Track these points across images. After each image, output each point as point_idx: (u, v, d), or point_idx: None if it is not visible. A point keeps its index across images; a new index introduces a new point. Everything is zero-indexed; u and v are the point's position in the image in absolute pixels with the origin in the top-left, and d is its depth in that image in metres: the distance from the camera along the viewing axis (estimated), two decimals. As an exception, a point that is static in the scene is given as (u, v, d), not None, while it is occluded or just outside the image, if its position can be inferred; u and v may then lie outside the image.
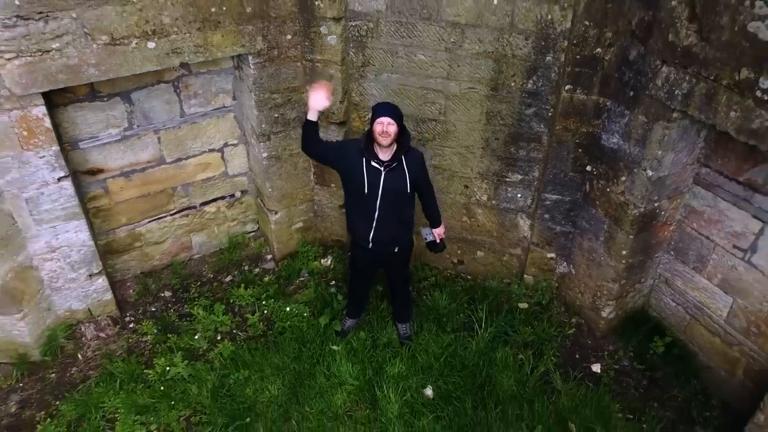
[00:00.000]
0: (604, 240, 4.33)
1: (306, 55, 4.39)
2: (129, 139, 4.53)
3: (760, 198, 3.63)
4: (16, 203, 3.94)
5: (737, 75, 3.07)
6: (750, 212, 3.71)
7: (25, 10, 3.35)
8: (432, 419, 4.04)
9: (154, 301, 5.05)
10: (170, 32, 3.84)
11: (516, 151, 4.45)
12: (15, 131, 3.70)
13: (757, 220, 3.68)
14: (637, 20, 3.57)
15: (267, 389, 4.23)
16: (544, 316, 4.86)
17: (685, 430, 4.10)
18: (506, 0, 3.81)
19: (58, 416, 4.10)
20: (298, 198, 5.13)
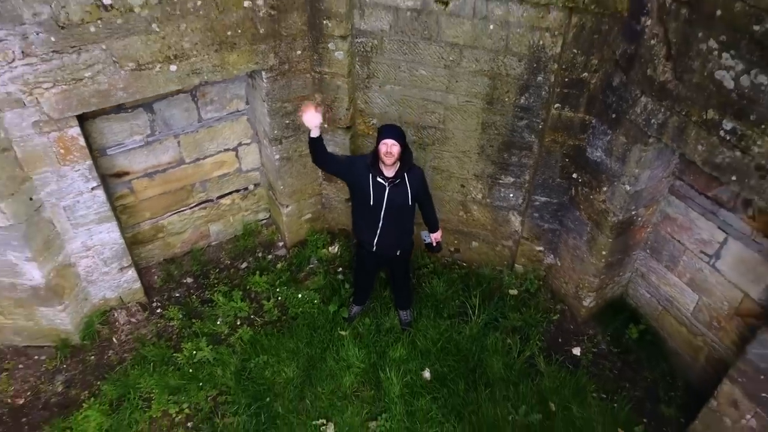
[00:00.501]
0: (587, 240, 4.76)
1: (315, 68, 4.70)
2: (151, 144, 4.89)
3: (724, 213, 4.04)
4: (55, 211, 4.36)
5: (705, 114, 3.42)
6: (716, 224, 4.13)
7: (60, 45, 3.66)
8: (429, 400, 4.58)
9: (177, 287, 5.54)
10: (190, 55, 4.14)
11: (509, 157, 4.81)
12: (53, 150, 4.07)
13: (722, 231, 4.10)
14: (620, 51, 3.88)
15: (283, 371, 4.76)
16: (532, 302, 5.35)
17: (651, 409, 4.66)
18: (501, 26, 4.10)
19: (100, 396, 4.65)
20: (307, 193, 5.53)
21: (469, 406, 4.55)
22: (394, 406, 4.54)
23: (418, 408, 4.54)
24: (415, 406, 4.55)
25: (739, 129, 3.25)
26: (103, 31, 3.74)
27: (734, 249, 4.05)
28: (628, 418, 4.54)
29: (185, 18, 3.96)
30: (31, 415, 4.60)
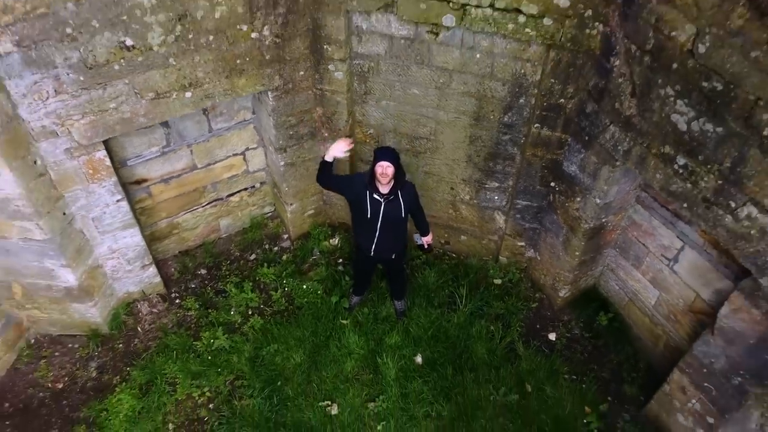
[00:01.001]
0: (562, 241, 5.29)
1: (316, 85, 5.08)
2: (167, 153, 5.32)
3: (682, 224, 4.54)
4: (85, 222, 4.83)
5: (662, 149, 3.89)
6: (675, 233, 4.64)
7: (88, 82, 4.05)
8: (421, 383, 5.20)
9: (192, 279, 6.07)
10: (203, 83, 4.53)
11: (494, 166, 5.27)
12: (83, 171, 4.51)
13: (680, 240, 4.62)
14: (592, 84, 4.29)
15: (292, 358, 5.36)
16: (514, 291, 5.92)
17: (615, 388, 5.29)
18: (487, 55, 4.48)
19: (130, 380, 5.25)
20: (309, 192, 6.00)
21: (456, 388, 5.18)
22: (390, 389, 5.16)
23: (411, 390, 5.17)
24: (408, 389, 5.18)
25: (690, 165, 3.73)
26: (126, 68, 4.12)
27: (690, 256, 4.58)
28: (594, 397, 5.18)
29: (199, 51, 4.33)
30: (70, 398, 5.21)
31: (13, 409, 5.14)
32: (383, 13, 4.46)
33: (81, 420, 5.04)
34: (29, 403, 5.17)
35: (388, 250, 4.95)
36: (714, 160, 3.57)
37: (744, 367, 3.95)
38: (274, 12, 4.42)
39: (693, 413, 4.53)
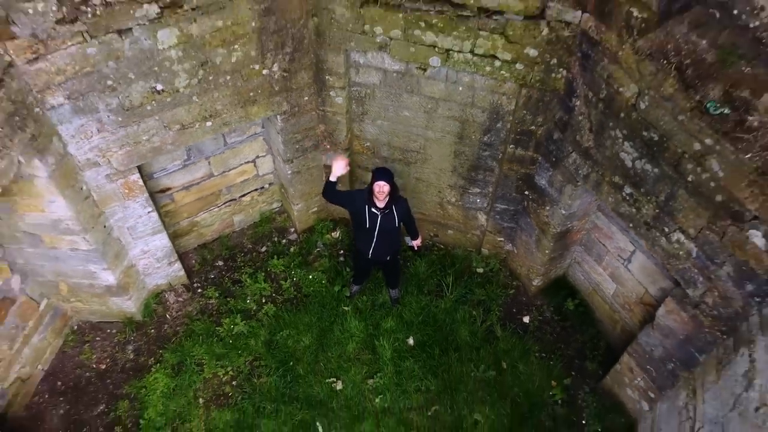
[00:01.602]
0: (535, 240, 6.05)
1: (319, 107, 5.72)
2: (188, 166, 6.00)
3: (633, 233, 5.30)
4: (121, 231, 5.56)
5: (613, 178, 4.61)
6: (629, 238, 5.41)
7: (125, 121, 4.71)
8: (412, 362, 6.06)
9: (211, 270, 6.85)
10: (222, 113, 5.18)
11: (476, 175, 5.97)
12: (120, 191, 5.21)
13: (632, 245, 5.39)
14: (558, 116, 4.96)
15: (302, 341, 6.20)
16: (494, 279, 6.73)
17: (579, 364, 6.17)
18: (468, 88, 5.12)
19: (164, 361, 6.09)
20: (313, 193, 6.70)
21: (442, 366, 6.05)
22: (386, 367, 6.03)
23: (404, 368, 6.04)
24: (402, 367, 6.05)
25: (635, 195, 4.47)
26: (156, 107, 4.77)
27: (640, 258, 5.36)
28: (560, 372, 6.07)
29: (218, 89, 4.96)
30: (112, 377, 6.07)
31: (65, 387, 6.01)
32: (378, 52, 5.07)
33: (124, 396, 5.92)
34: (78, 382, 6.04)
35: (383, 253, 5.71)
36: (652, 193, 4.30)
37: (675, 356, 4.80)
38: (282, 51, 5.03)
39: (638, 388, 5.42)
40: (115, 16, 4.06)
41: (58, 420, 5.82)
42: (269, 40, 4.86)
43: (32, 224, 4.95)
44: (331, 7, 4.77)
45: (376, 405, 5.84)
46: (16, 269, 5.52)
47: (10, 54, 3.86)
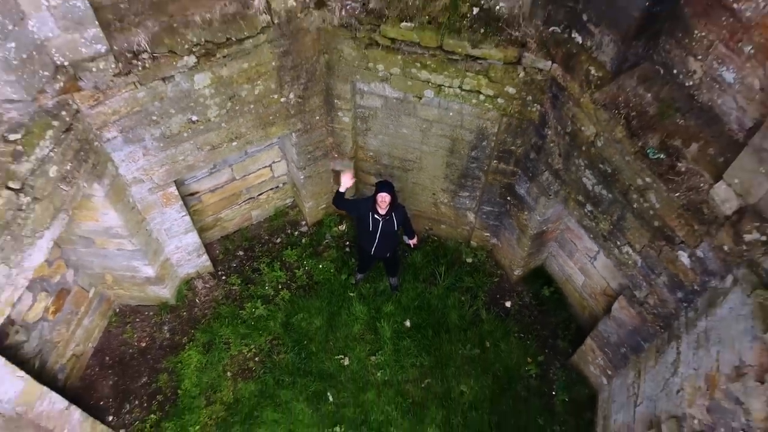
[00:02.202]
0: (516, 237, 6.94)
1: (328, 124, 6.52)
2: (214, 173, 6.84)
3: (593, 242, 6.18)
4: (160, 232, 6.45)
5: (578, 197, 5.47)
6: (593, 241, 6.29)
7: (165, 147, 5.54)
8: (409, 341, 7.04)
9: (233, 259, 7.76)
10: (245, 134, 6.00)
11: (465, 182, 6.82)
12: (159, 201, 6.07)
13: (596, 246, 6.28)
14: (533, 141, 5.77)
15: (314, 323, 7.17)
16: (481, 269, 7.65)
17: (552, 343, 7.15)
18: (458, 113, 5.92)
19: (195, 340, 7.07)
20: (322, 193, 7.56)
21: (434, 345, 7.03)
22: (386, 346, 7.01)
23: (401, 347, 7.02)
24: (400, 346, 7.03)
25: (594, 212, 5.33)
26: (191, 134, 5.59)
27: (602, 258, 6.26)
28: (535, 350, 7.05)
29: (242, 116, 5.76)
30: (152, 353, 7.06)
31: (112, 362, 7.01)
32: (380, 83, 5.84)
33: (163, 370, 6.92)
34: (123, 357, 7.03)
35: (384, 251, 6.61)
36: (608, 213, 5.17)
37: (626, 343, 5.76)
38: (297, 82, 5.81)
39: (599, 366, 6.41)
40: (161, 67, 4.85)
41: (108, 389, 6.83)
42: (287, 74, 5.64)
43: (87, 230, 5.83)
44: (340, 47, 5.52)
45: (377, 378, 6.85)
46: (70, 264, 6.43)
47: (77, 103, 4.67)
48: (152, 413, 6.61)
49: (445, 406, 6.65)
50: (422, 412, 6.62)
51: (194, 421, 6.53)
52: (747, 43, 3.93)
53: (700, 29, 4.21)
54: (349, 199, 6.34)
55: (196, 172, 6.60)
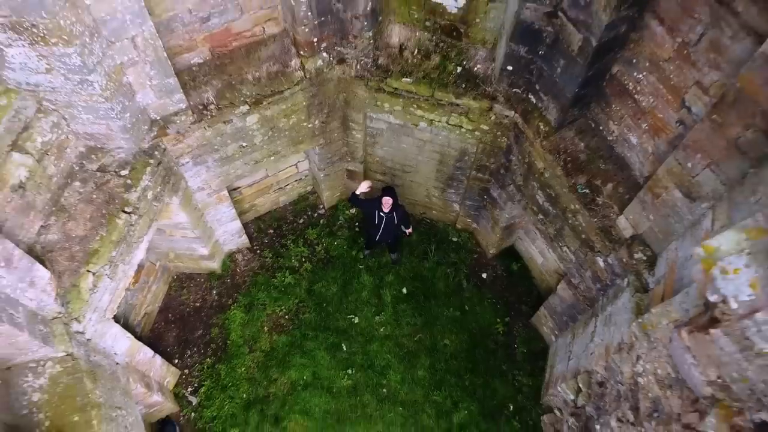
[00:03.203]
0: (490, 226, 8.74)
1: (344, 139, 8.18)
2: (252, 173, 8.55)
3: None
4: (212, 222, 8.25)
5: (533, 207, 7.23)
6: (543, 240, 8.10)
7: (222, 165, 7.25)
8: (405, 305, 8.98)
9: (265, 236, 9.59)
10: (281, 151, 7.68)
11: (451, 183, 8.55)
12: (214, 201, 7.84)
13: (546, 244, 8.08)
14: (503, 161, 7.47)
15: (330, 289, 9.08)
16: (464, 246, 9.49)
17: (517, 307, 9.09)
18: (446, 138, 7.57)
19: (238, 302, 9.00)
20: (338, 185, 9.30)
21: (425, 308, 8.97)
22: (387, 308, 8.96)
23: (399, 309, 8.96)
24: (398, 308, 8.97)
25: (544, 220, 7.11)
26: (241, 155, 7.29)
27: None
28: (503, 313, 9.00)
29: (280, 139, 7.43)
30: (204, 311, 9.01)
31: (174, 318, 8.97)
32: (385, 113, 7.46)
33: (214, 324, 8.88)
34: (182, 314, 8.99)
35: (386, 238, 8.44)
36: (553, 223, 6.95)
37: (567, 313, 7.68)
38: (322, 113, 7.44)
39: (549, 328, 8.37)
40: (223, 114, 6.50)
41: (172, 340, 8.82)
42: (314, 108, 7.27)
43: (161, 225, 7.62)
44: (355, 90, 7.12)
45: (380, 333, 8.83)
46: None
47: (164, 144, 6.36)
48: (208, 358, 8.64)
49: (431, 355, 8.67)
50: (414, 359, 8.64)
51: (240, 365, 8.56)
52: (643, 122, 5.59)
53: (616, 105, 5.85)
54: (361, 198, 8.10)
55: (242, 179, 8.33)
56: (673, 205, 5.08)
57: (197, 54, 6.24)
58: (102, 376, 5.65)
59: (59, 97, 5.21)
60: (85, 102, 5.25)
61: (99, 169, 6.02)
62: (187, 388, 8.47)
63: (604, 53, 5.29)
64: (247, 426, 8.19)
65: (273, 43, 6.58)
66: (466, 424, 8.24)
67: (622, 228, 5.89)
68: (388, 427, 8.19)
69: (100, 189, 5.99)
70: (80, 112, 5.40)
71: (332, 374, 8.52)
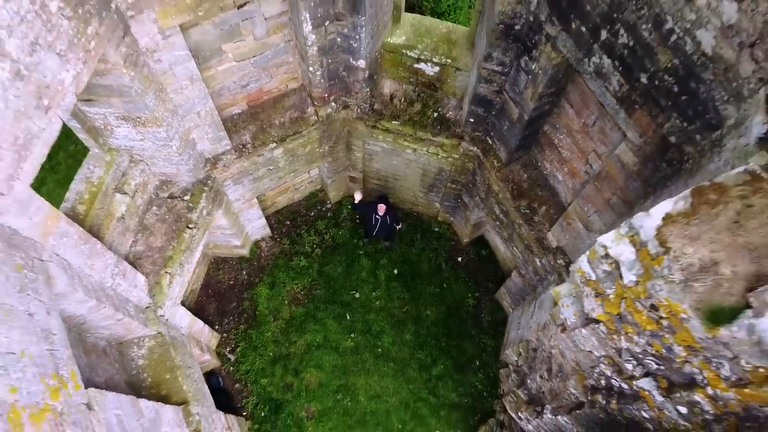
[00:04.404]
0: (464, 222, 10.92)
1: (346, 156, 10.25)
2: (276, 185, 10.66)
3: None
4: (244, 221, 10.42)
5: (492, 216, 9.41)
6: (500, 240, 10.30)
7: (254, 182, 9.36)
8: (396, 283, 11.26)
9: (283, 227, 11.78)
10: (298, 169, 9.77)
11: (432, 189, 10.66)
12: (246, 206, 9.98)
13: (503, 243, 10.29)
14: (470, 180, 9.57)
15: (337, 270, 11.34)
16: (444, 235, 11.70)
17: (485, 285, 11.37)
18: (427, 160, 9.64)
19: (264, 281, 11.28)
20: (342, 187, 11.42)
21: (411, 286, 11.26)
22: (381, 286, 11.25)
23: (392, 287, 11.25)
24: (390, 286, 11.26)
25: (500, 226, 9.29)
26: (268, 174, 9.39)
27: (513, 241, 10.31)
28: (473, 289, 11.30)
29: (297, 161, 9.51)
30: (237, 288, 11.30)
31: (213, 293, 11.26)
32: (380, 142, 9.51)
33: (245, 298, 11.19)
34: (219, 290, 11.27)
35: (381, 234, 10.64)
36: (506, 229, 9.12)
37: (519, 294, 9.96)
38: (330, 141, 9.49)
39: (508, 302, 10.68)
40: (257, 151, 8.56)
41: (212, 310, 11.14)
42: (324, 139, 9.32)
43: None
44: (356, 126, 9.16)
45: (376, 305, 11.15)
46: (190, 239, 10.46)
47: (215, 174, 8.46)
48: (241, 325, 10.98)
49: (416, 322, 11.02)
50: (403, 326, 10.99)
51: (267, 330, 10.92)
52: (565, 166, 7.68)
53: (547, 152, 7.93)
54: (361, 205, 10.22)
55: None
56: (578, 232, 7.26)
57: (237, 107, 8.27)
58: (179, 346, 7.95)
59: (146, 153, 7.29)
60: (164, 156, 7.34)
61: (169, 197, 8.15)
62: (226, 348, 10.85)
63: (534, 121, 7.34)
64: (274, 377, 10.61)
65: (294, 95, 8.59)
66: (442, 375, 10.66)
67: (551, 240, 8.08)
68: (382, 378, 10.62)
69: (170, 211, 8.14)
70: (159, 161, 7.49)
71: (338, 337, 10.89)
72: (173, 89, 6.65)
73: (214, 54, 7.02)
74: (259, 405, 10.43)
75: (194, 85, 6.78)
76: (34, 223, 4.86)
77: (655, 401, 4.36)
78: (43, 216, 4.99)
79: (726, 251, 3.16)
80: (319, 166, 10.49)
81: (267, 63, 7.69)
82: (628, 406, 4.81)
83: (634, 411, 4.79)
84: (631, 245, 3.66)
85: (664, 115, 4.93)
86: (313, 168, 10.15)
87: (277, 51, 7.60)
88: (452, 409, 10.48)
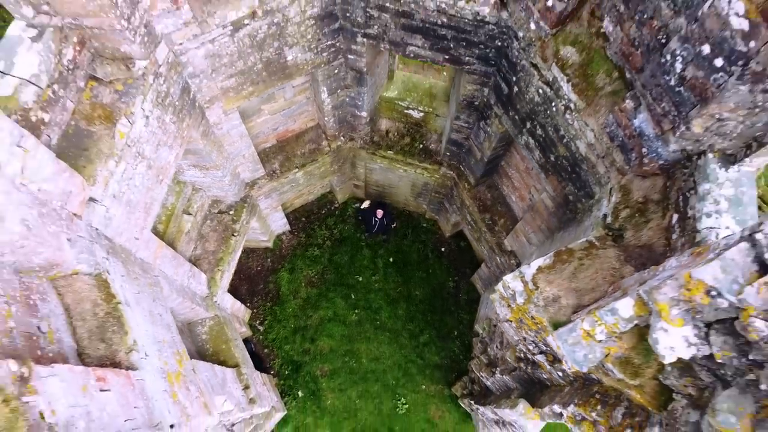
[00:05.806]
0: (445, 221, 13.47)
1: (352, 171, 12.73)
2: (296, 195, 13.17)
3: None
4: (270, 221, 12.97)
5: (465, 221, 11.99)
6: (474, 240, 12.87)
7: (279, 192, 11.89)
8: (392, 269, 13.89)
9: (299, 223, 14.33)
10: (314, 183, 12.27)
11: (420, 195, 13.17)
12: (272, 211, 12.53)
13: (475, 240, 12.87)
14: (450, 193, 12.08)
15: (343, 259, 13.95)
16: (431, 230, 14.27)
17: (463, 270, 14.00)
18: (415, 176, 12.13)
19: (285, 267, 13.91)
20: (347, 190, 13.92)
21: (404, 272, 13.90)
22: (380, 272, 13.89)
23: (388, 272, 13.89)
24: (387, 272, 13.90)
25: (473, 229, 11.86)
26: (291, 189, 11.93)
27: (484, 238, 12.91)
28: (454, 274, 13.94)
29: (313, 180, 12.00)
30: (263, 273, 13.94)
31: (244, 277, 13.90)
32: (378, 162, 11.97)
33: (270, 282, 13.84)
34: (249, 274, 13.91)
35: (380, 232, 13.21)
36: (476, 232, 11.69)
37: (488, 280, 12.61)
38: (339, 162, 11.96)
39: (480, 285, 13.34)
40: (284, 174, 11.05)
41: (244, 291, 13.81)
42: (334, 161, 11.78)
43: (241, 227, 12.35)
44: (359, 153, 11.61)
45: (375, 287, 13.81)
46: (227, 236, 13.05)
47: (253, 193, 10.98)
48: (267, 302, 13.68)
49: (407, 301, 13.71)
50: (396, 303, 13.69)
51: (288, 306, 13.62)
52: (516, 192, 10.18)
53: (504, 179, 10.41)
54: (363, 209, 12.74)
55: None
56: (522, 243, 9.84)
57: (269, 143, 10.73)
58: (229, 323, 10.62)
59: (205, 184, 9.80)
60: (218, 186, 9.85)
61: (218, 212, 10.69)
62: (256, 321, 13.57)
63: (492, 160, 9.82)
64: (294, 344, 13.36)
65: (311, 132, 11.03)
66: (427, 342, 13.42)
67: (506, 245, 10.66)
68: (380, 344, 13.37)
69: (220, 223, 10.69)
70: (214, 189, 10.01)
71: (345, 313, 13.59)
72: (228, 143, 9.12)
73: (255, 113, 9.46)
74: (284, 366, 13.21)
75: (242, 140, 9.24)
76: (150, 252, 7.44)
77: (546, 368, 6.99)
78: (155, 247, 7.55)
79: (564, 291, 5.69)
80: (330, 179, 12.98)
81: (293, 113, 10.13)
82: (535, 371, 7.47)
83: (538, 374, 7.45)
84: (521, 282, 6.19)
85: (565, 182, 7.44)
86: (325, 181, 12.64)
87: (301, 105, 10.02)
88: (435, 369, 13.27)
